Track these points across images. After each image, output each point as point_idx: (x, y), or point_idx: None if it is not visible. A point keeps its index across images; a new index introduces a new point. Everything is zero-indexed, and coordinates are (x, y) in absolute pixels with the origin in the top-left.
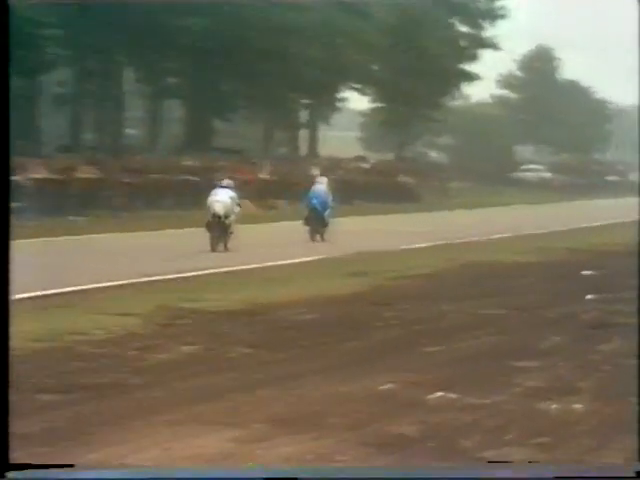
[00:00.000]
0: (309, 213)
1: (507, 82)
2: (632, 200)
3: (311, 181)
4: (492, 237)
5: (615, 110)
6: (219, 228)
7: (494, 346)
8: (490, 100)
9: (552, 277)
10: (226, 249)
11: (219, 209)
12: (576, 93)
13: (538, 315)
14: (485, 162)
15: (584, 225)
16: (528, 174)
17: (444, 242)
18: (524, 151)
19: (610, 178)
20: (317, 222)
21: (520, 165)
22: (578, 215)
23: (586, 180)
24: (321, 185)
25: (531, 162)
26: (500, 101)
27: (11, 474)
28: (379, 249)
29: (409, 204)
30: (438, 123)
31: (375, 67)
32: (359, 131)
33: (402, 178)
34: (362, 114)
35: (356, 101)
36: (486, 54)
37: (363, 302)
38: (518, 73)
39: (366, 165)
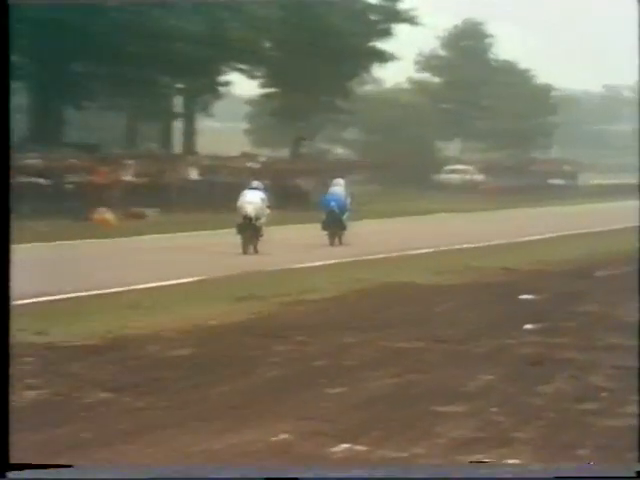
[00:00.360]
0: (327, 216)
1: (428, 63)
2: (583, 208)
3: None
4: (409, 253)
5: (561, 98)
6: (250, 230)
7: (411, 387)
8: (408, 85)
9: (482, 302)
10: (256, 251)
11: (250, 211)
12: (513, 77)
13: (465, 349)
14: (402, 161)
15: (523, 238)
16: (454, 176)
17: (351, 259)
18: (449, 148)
19: (554, 181)
20: (335, 225)
21: (444, 165)
22: (515, 226)
23: (525, 183)
24: (339, 187)
25: (458, 161)
26: (420, 86)
27: (11, 474)
28: (272, 268)
29: (307, 212)
30: (344, 113)
31: (266, 44)
32: (246, 122)
33: (299, 180)
34: (250, 102)
35: (242, 86)
36: (402, 30)
37: (252, 333)
38: (442, 53)
39: (255, 164)
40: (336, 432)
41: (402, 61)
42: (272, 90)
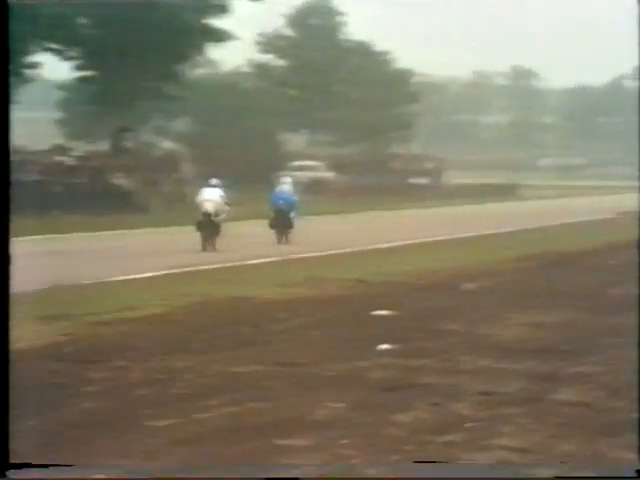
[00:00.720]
0: (275, 215)
1: (272, 44)
2: (448, 210)
3: None
4: (249, 262)
5: (424, 85)
6: (210, 227)
7: (250, 417)
8: (248, 69)
9: (332, 319)
10: (214, 249)
11: (210, 208)
12: (368, 60)
13: (311, 373)
14: (241, 156)
15: (379, 246)
16: (301, 173)
17: (178, 270)
18: (296, 140)
19: (416, 180)
20: (283, 224)
21: (290, 160)
22: (371, 231)
23: (382, 182)
24: (286, 185)
25: (306, 156)
26: (262, 70)
27: (11, 474)
28: (86, 280)
29: (130, 216)
30: (174, 101)
31: (82, 20)
32: (59, 111)
33: (119, 179)
34: (63, 87)
35: (53, 68)
36: (241, 5)
37: (59, 358)
38: (287, 32)
39: (70, 160)
40: (163, 471)
41: (241, 41)
42: (89, 73)
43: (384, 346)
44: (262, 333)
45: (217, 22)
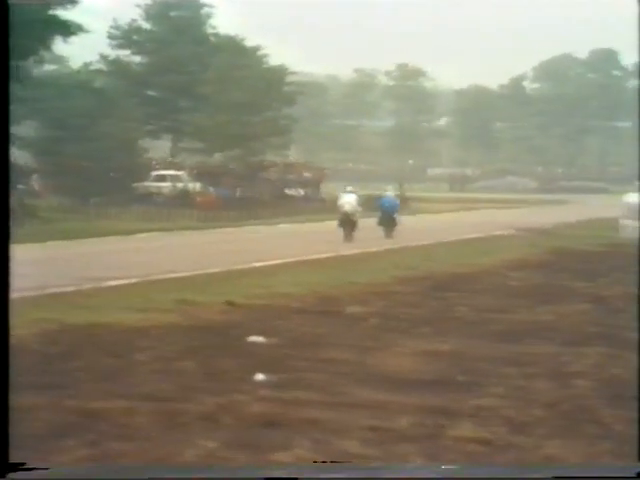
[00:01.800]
0: (382, 215)
1: (128, 39)
2: (329, 225)
3: None
4: (104, 285)
5: (301, 84)
6: (349, 224)
7: (111, 459)
8: (102, 65)
9: (202, 348)
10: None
11: (348, 209)
12: (238, 57)
13: (180, 409)
14: (95, 165)
15: (252, 265)
16: (163, 184)
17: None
18: (157, 147)
19: (292, 191)
20: (389, 222)
21: (151, 170)
22: (243, 249)
23: (254, 194)
24: (390, 192)
25: (168, 165)
26: (117, 68)
27: (11, 474)
28: None
29: None
30: (16, 102)
31: None
32: None
33: None
34: None
35: None
36: None
37: None
38: (145, 25)
39: None
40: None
41: (93, 35)
42: None
43: (261, 377)
44: (123, 364)
45: (65, 13)
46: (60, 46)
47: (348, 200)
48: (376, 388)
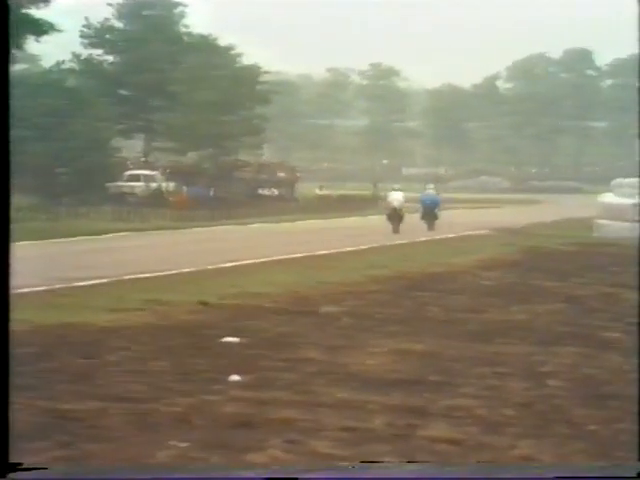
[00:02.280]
0: (424, 210)
1: (100, 37)
2: (303, 225)
3: None
4: (74, 285)
5: (276, 84)
6: (397, 218)
7: (85, 460)
8: (75, 65)
9: (174, 348)
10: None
11: (397, 204)
12: (211, 57)
13: (153, 409)
14: (67, 164)
15: (225, 265)
16: (136, 184)
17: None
18: (130, 147)
19: (266, 191)
20: (430, 216)
21: (124, 169)
22: (216, 249)
23: (228, 193)
24: (430, 190)
25: (141, 164)
26: (89, 67)
27: (11, 474)
28: None
29: None
30: None
31: None
32: None
33: None
34: None
35: None
36: None
37: None
38: (118, 24)
39: None
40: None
41: (65, 33)
42: None
43: (235, 377)
44: (95, 365)
45: (37, 12)
46: (32, 45)
47: (396, 197)
48: (350, 388)
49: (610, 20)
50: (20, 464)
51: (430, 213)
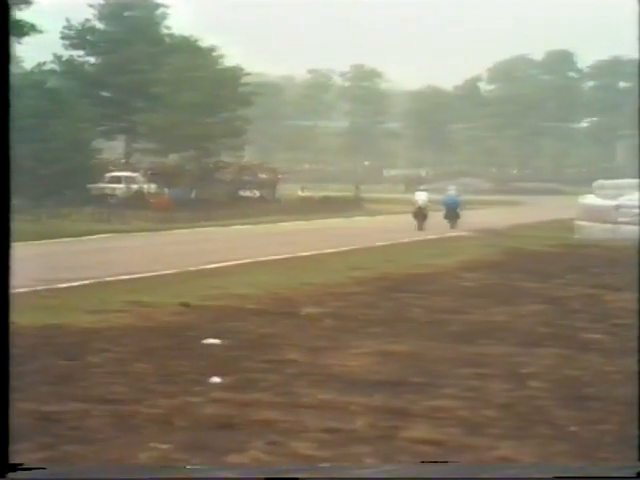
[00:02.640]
0: (447, 210)
1: (82, 39)
2: (285, 227)
3: None
4: (58, 286)
5: (258, 86)
6: (421, 216)
7: (67, 462)
8: (56, 66)
9: (156, 349)
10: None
11: (421, 203)
12: (193, 58)
13: (135, 411)
14: (49, 166)
15: (207, 266)
16: (117, 185)
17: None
18: (112, 148)
19: (247, 192)
20: (452, 215)
21: (105, 171)
22: (196, 251)
23: (209, 195)
24: (452, 191)
25: (123, 166)
26: (71, 68)
27: (11, 475)
28: None
29: None
30: None
31: None
32: None
33: None
34: None
35: None
36: None
37: None
38: (99, 25)
39: None
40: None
41: (46, 34)
42: None
43: (216, 379)
44: (76, 366)
45: (18, 13)
46: (13, 46)
47: (421, 197)
48: (332, 389)
49: (591, 22)
50: (20, 464)
51: (452, 213)
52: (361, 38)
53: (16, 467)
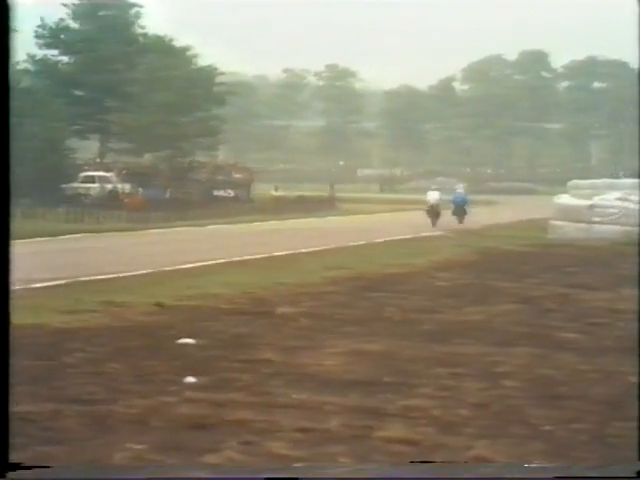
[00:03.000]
0: (455, 207)
1: (55, 38)
2: (259, 227)
3: None
4: (31, 286)
5: (232, 85)
6: (434, 213)
7: (40, 464)
8: (29, 65)
9: (130, 349)
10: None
11: (434, 201)
12: (167, 57)
13: (109, 411)
14: (21, 166)
15: (182, 266)
16: (92, 185)
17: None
18: (86, 148)
19: (221, 192)
20: (460, 212)
21: (79, 170)
22: (171, 251)
23: (185, 194)
24: (460, 190)
25: (97, 166)
26: (45, 67)
27: (11, 474)
28: None
29: None
30: None
31: None
32: None
33: None
34: None
35: None
36: None
37: None
38: (73, 25)
39: None
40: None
41: (20, 34)
42: None
43: (191, 379)
44: (48, 366)
45: None
46: None
47: (434, 196)
48: (306, 389)
49: (565, 22)
50: (20, 463)
51: (460, 209)
52: (336, 38)
53: (16, 466)
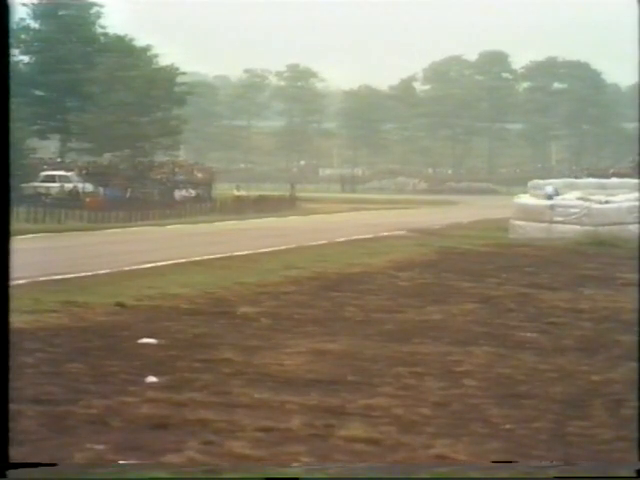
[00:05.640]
0: None
1: (16, 37)
2: (219, 226)
3: None
4: None
5: (192, 85)
6: None
7: None
8: None
9: (90, 349)
10: None
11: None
12: (128, 57)
13: (69, 411)
14: None
15: (141, 266)
16: (52, 184)
17: None
18: (46, 147)
19: (183, 192)
20: None
21: (40, 170)
22: (128, 251)
23: (145, 194)
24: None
25: (57, 165)
26: (14, 68)
27: (11, 474)
28: None
29: None
30: None
31: None
32: None
33: None
34: None
35: None
36: None
37: None
38: (33, 24)
39: None
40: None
41: None
42: None
43: (151, 379)
44: (14, 367)
45: None
46: None
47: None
48: (267, 388)
49: (525, 24)
50: (20, 463)
51: None
52: (298, 38)
53: (17, 465)
